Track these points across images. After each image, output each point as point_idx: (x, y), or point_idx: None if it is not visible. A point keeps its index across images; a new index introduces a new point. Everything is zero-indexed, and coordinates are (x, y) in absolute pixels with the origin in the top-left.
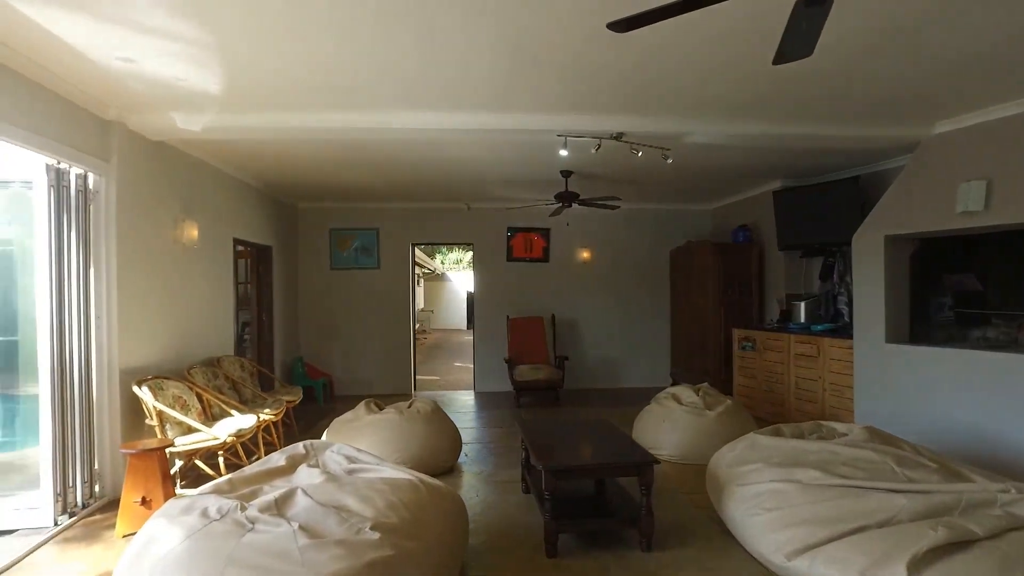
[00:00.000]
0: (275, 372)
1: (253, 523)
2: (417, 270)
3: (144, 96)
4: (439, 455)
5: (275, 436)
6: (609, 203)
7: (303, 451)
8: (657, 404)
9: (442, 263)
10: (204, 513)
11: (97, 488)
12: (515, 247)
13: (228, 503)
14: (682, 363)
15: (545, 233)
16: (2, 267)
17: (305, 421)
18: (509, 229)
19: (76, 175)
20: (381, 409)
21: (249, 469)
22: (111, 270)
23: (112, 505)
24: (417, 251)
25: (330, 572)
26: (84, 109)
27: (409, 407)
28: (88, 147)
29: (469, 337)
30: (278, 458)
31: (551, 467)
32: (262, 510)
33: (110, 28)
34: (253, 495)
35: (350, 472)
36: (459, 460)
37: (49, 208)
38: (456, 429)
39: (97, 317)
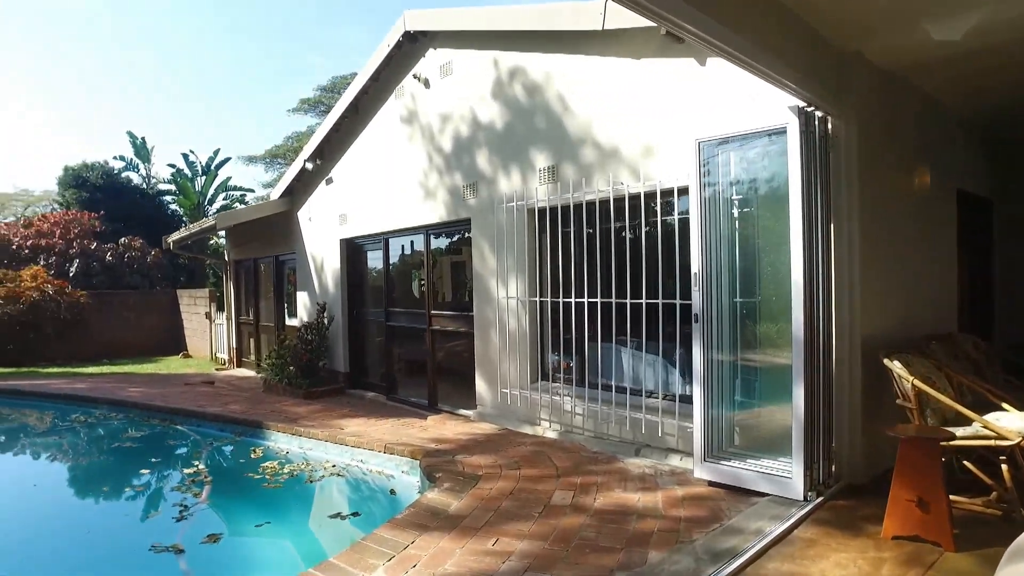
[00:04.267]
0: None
1: None
2: None
3: (892, 8)
4: None
5: None
6: None
7: None
8: None
9: None
10: None
11: (834, 468)
12: None
13: None
14: None
15: None
16: (743, 224)
17: None
18: None
19: (818, 118)
20: None
21: None
22: (853, 225)
23: (851, 492)
24: None
25: None
26: (824, 39)
27: None
28: (829, 84)
29: None
30: None
31: None
32: None
33: None
34: None
35: None
36: None
37: (801, 158)
38: None
39: (839, 276)
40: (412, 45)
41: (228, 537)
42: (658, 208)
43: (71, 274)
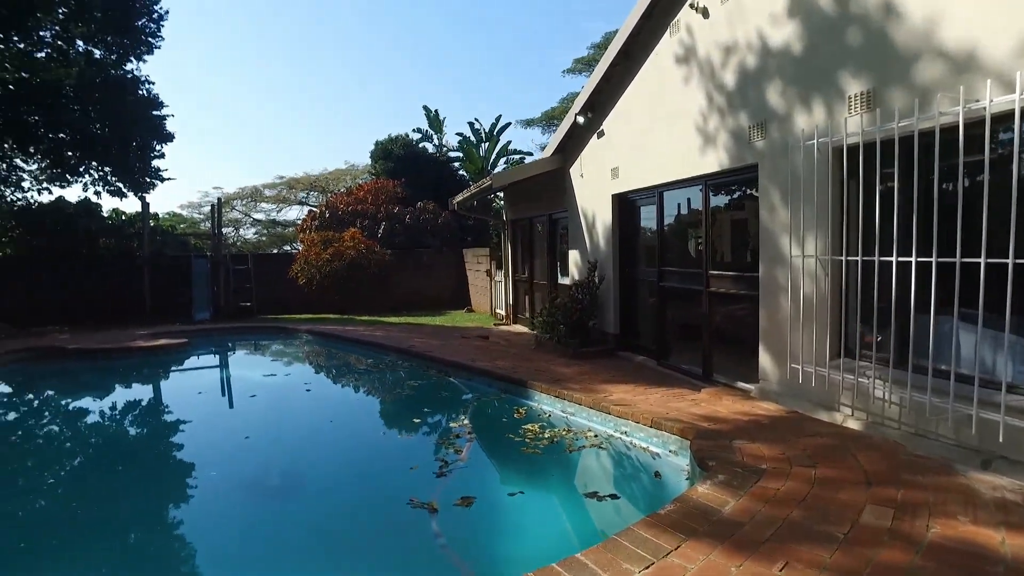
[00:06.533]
0: None
1: None
2: None
3: None
4: None
5: None
6: None
7: None
8: None
9: None
10: None
11: None
12: None
13: None
14: None
15: None
16: None
17: None
18: None
19: None
20: None
21: None
22: None
23: None
24: None
25: None
26: None
27: None
28: None
29: None
30: None
31: None
32: None
33: None
34: None
35: None
36: None
37: None
38: None
39: None
40: None
41: (480, 502)
42: None
43: (379, 235)
